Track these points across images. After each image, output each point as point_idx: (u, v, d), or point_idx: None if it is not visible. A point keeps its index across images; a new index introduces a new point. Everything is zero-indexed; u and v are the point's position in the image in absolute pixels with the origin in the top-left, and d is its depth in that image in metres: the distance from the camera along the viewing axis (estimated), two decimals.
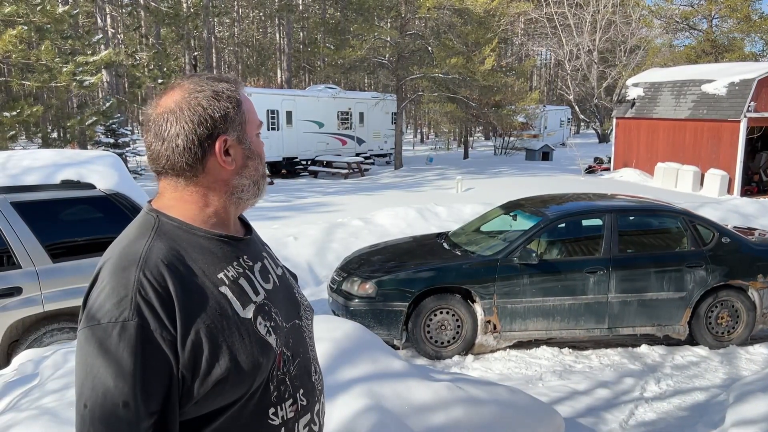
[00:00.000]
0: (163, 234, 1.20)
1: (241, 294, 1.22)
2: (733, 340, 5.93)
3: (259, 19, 41.72)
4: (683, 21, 35.10)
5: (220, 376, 1.14)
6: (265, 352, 1.20)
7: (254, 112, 1.31)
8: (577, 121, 50.14)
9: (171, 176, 1.24)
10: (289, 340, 1.29)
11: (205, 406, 1.16)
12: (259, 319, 1.22)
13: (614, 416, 4.43)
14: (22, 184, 4.42)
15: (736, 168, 16.16)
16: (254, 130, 1.30)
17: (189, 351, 1.12)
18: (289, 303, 1.35)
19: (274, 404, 1.23)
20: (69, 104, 24.27)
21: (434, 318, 5.57)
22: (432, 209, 10.71)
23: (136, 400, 1.08)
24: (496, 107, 25.94)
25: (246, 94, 1.32)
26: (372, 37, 22.14)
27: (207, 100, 1.22)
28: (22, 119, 13.82)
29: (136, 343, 1.08)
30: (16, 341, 4.28)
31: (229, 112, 1.23)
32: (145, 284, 1.11)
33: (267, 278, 1.31)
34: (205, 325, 1.14)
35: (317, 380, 1.38)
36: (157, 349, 1.10)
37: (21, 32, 12.83)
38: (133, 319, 1.09)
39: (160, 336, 1.10)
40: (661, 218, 6.28)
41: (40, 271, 4.20)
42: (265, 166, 1.34)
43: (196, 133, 1.20)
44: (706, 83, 17.17)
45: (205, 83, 1.24)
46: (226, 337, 1.16)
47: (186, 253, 1.19)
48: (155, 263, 1.14)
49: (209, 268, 1.20)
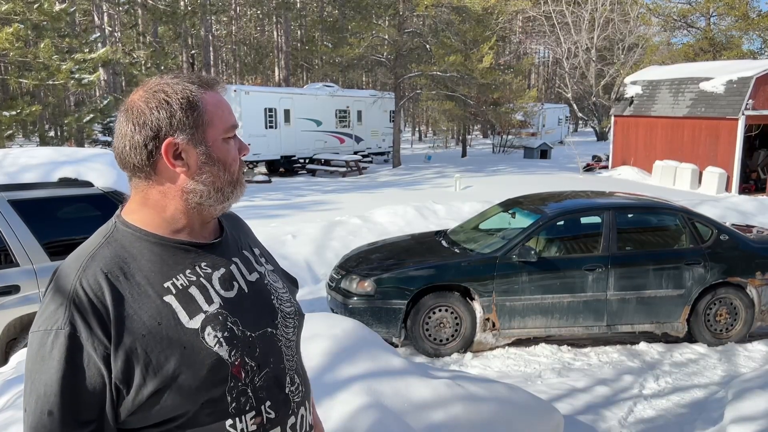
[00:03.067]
0: (115, 241, 1.19)
1: (189, 303, 1.17)
2: (732, 338, 5.94)
3: (257, 17, 41.65)
4: (681, 19, 35.12)
5: (156, 388, 1.11)
6: (213, 363, 1.15)
7: (221, 116, 1.23)
8: (575, 119, 50.17)
9: (131, 178, 1.23)
10: (255, 350, 1.23)
11: (147, 417, 1.13)
12: (208, 329, 1.17)
13: (613, 413, 4.43)
14: (20, 182, 4.40)
15: (734, 166, 16.18)
16: (218, 134, 1.22)
17: (122, 362, 1.09)
18: (260, 310, 1.28)
19: (231, 416, 1.18)
20: (66, 102, 24.21)
21: (433, 316, 5.57)
22: (431, 207, 10.71)
23: (62, 409, 1.07)
24: (494, 105, 25.95)
25: (219, 96, 1.25)
26: (370, 35, 22.13)
27: (155, 101, 1.17)
28: (20, 118, 13.78)
29: (66, 353, 1.07)
30: (14, 339, 4.27)
31: (175, 114, 1.17)
32: (80, 293, 1.10)
33: (229, 286, 1.25)
34: (140, 335, 1.11)
35: (294, 391, 1.31)
36: (88, 359, 1.08)
37: (18, 30, 12.78)
38: (65, 327, 1.08)
39: (91, 346, 1.08)
40: (660, 216, 6.28)
41: (38, 269, 4.19)
42: (233, 173, 1.25)
43: (140, 134, 1.17)
44: (704, 81, 17.19)
45: (164, 83, 1.20)
46: (164, 348, 1.12)
47: (133, 261, 1.17)
48: (94, 272, 1.13)
49: (155, 276, 1.17)
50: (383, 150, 26.70)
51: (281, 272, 1.48)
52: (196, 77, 1.24)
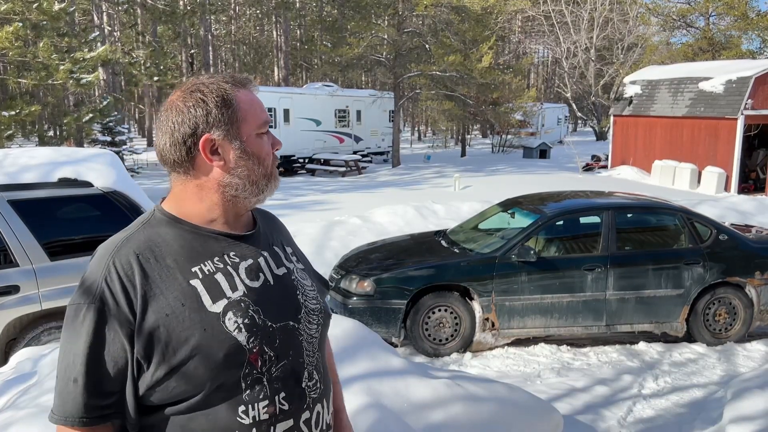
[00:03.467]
0: (151, 227, 1.26)
1: (213, 288, 1.23)
2: (731, 337, 5.95)
3: (256, 17, 41.62)
4: (680, 18, 35.13)
5: (174, 365, 1.16)
6: (230, 347, 1.20)
7: (254, 112, 1.30)
8: (574, 118, 50.18)
9: (172, 172, 1.30)
10: (275, 341, 1.26)
11: (164, 395, 1.19)
12: (229, 314, 1.22)
13: (612, 413, 4.44)
14: (20, 182, 4.40)
15: (733, 165, 16.19)
16: (252, 129, 1.29)
17: (145, 338, 1.16)
18: (283, 303, 1.32)
19: (245, 402, 1.21)
20: (66, 102, 24.18)
21: (432, 316, 5.58)
22: (430, 207, 10.72)
23: (85, 378, 1.15)
24: (493, 105, 25.96)
25: (252, 94, 1.32)
26: (369, 35, 22.12)
27: (192, 100, 1.25)
28: (20, 118, 13.77)
29: (94, 326, 1.15)
30: (13, 339, 4.27)
31: (211, 111, 1.24)
32: (112, 271, 1.18)
33: (255, 276, 1.30)
34: (164, 314, 1.17)
35: (311, 387, 1.33)
36: (114, 334, 1.16)
37: (17, 29, 12.78)
38: (95, 302, 1.16)
39: (117, 321, 1.15)
40: (659, 215, 6.28)
41: (37, 269, 4.19)
42: (267, 166, 1.32)
43: (179, 131, 1.24)
44: (704, 81, 17.20)
45: (200, 83, 1.27)
46: (185, 328, 1.17)
47: (165, 245, 1.24)
48: (126, 253, 1.20)
49: (184, 261, 1.23)
50: (383, 150, 26.71)
51: (312, 272, 1.52)
52: (230, 77, 1.31)
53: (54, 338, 4.30)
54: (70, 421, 1.16)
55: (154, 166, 25.06)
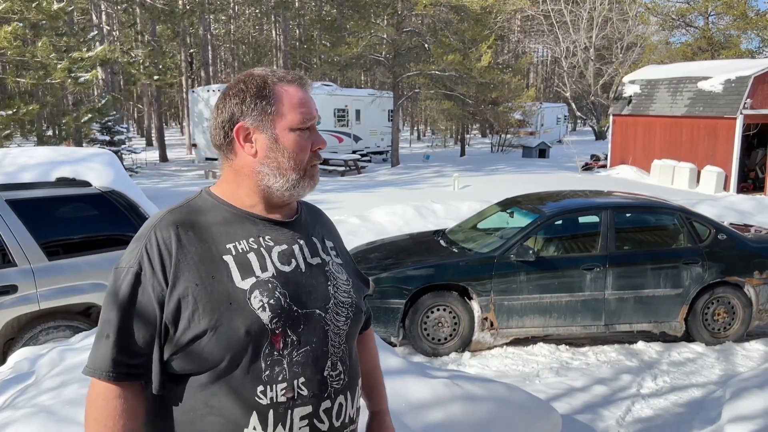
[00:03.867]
0: (195, 204, 1.36)
1: (244, 266, 1.28)
2: (730, 337, 5.95)
3: (255, 16, 41.60)
4: (680, 18, 35.14)
5: (197, 334, 1.22)
6: (251, 324, 1.24)
7: (293, 108, 1.33)
8: (573, 118, 50.19)
9: (220, 156, 1.40)
10: (299, 326, 1.30)
11: (187, 361, 1.25)
12: (255, 293, 1.26)
13: (611, 413, 4.44)
14: (18, 181, 4.39)
15: (732, 165, 16.20)
16: (288, 124, 1.32)
17: (174, 304, 1.23)
18: (312, 291, 1.35)
19: (264, 382, 1.25)
20: (64, 102, 24.15)
21: (431, 315, 5.57)
22: (429, 207, 10.72)
23: (116, 335, 1.24)
24: (492, 104, 25.95)
25: (300, 91, 1.35)
26: (368, 35, 22.10)
27: (235, 89, 1.34)
28: (18, 118, 13.75)
29: (130, 288, 1.24)
30: (11, 339, 4.27)
31: (245, 100, 1.31)
32: (152, 240, 1.27)
33: (287, 261, 1.34)
34: (194, 284, 1.24)
35: (334, 377, 1.34)
36: (147, 298, 1.24)
37: (16, 29, 12.76)
38: (134, 266, 1.25)
39: (151, 286, 1.24)
40: (658, 215, 6.29)
41: (35, 269, 4.18)
42: (299, 163, 1.35)
43: (220, 117, 1.34)
44: (703, 80, 17.20)
45: (249, 73, 1.36)
46: (211, 299, 1.23)
47: (205, 222, 1.32)
48: (167, 224, 1.29)
49: (221, 237, 1.30)
50: (382, 149, 26.68)
51: (353, 270, 1.55)
52: (284, 71, 1.37)
53: (52, 338, 4.29)
54: (98, 374, 1.24)
55: (152, 165, 25.06)
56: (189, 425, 1.27)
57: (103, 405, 1.24)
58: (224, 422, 1.25)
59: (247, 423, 1.25)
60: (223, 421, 1.25)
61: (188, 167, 24.27)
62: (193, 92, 22.38)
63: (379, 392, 1.67)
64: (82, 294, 4.34)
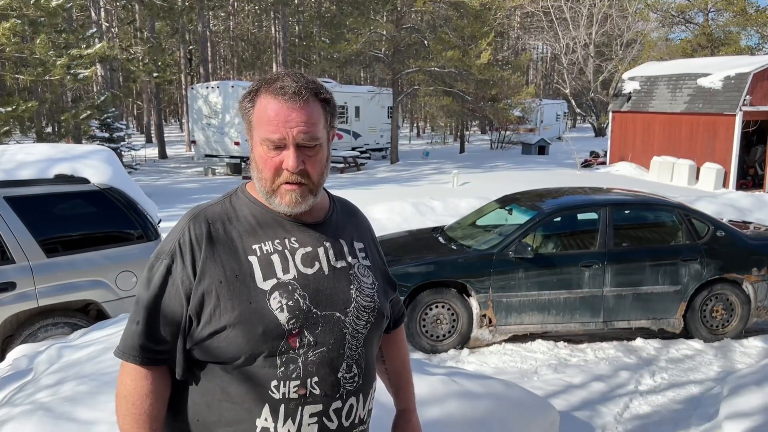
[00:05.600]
0: (230, 202, 1.40)
1: (267, 267, 1.32)
2: (728, 333, 5.96)
3: (255, 13, 41.51)
4: (679, 14, 35.11)
5: (216, 329, 1.27)
6: (269, 324, 1.28)
7: (264, 124, 1.28)
8: (573, 115, 50.15)
9: None
10: (316, 327, 1.32)
11: (207, 353, 1.30)
12: (275, 294, 1.30)
13: (609, 409, 4.45)
14: (16, 178, 4.39)
15: (731, 162, 16.19)
16: (259, 135, 1.30)
17: (198, 298, 1.28)
18: (333, 294, 1.36)
19: (278, 378, 1.29)
20: (63, 98, 24.13)
21: (430, 312, 5.58)
22: (428, 204, 10.72)
23: (145, 322, 1.30)
24: (492, 101, 25.93)
25: (284, 106, 1.28)
26: (368, 31, 22.09)
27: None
28: (17, 114, 13.75)
29: (161, 279, 1.31)
30: (10, 336, 4.27)
31: (246, 98, 1.34)
32: (186, 234, 1.32)
33: (310, 264, 1.36)
34: (218, 281, 1.29)
35: (348, 379, 1.36)
36: (176, 289, 1.30)
37: (14, 25, 12.75)
38: (167, 258, 1.32)
39: (179, 278, 1.29)
40: (657, 212, 6.29)
41: (34, 266, 4.19)
42: (266, 179, 1.32)
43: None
44: (702, 77, 17.18)
45: (264, 75, 1.37)
46: (233, 296, 1.28)
47: (236, 220, 1.36)
48: (201, 219, 1.34)
49: (248, 237, 1.34)
50: (381, 146, 26.67)
51: (381, 271, 1.56)
52: (280, 85, 1.29)
53: (50, 335, 4.30)
54: (126, 357, 1.32)
55: (152, 162, 25.05)
56: (205, 407, 1.33)
57: (131, 385, 1.31)
58: (238, 410, 1.30)
59: (260, 414, 1.30)
60: (237, 409, 1.30)
61: (187, 164, 24.27)
62: (192, 89, 22.36)
63: (407, 391, 1.72)
64: (80, 291, 4.35)
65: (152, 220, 4.79)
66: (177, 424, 1.38)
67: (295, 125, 1.28)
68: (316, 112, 1.31)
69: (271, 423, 1.30)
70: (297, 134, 1.28)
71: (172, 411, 1.37)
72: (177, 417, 1.37)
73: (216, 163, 21.43)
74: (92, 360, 3.16)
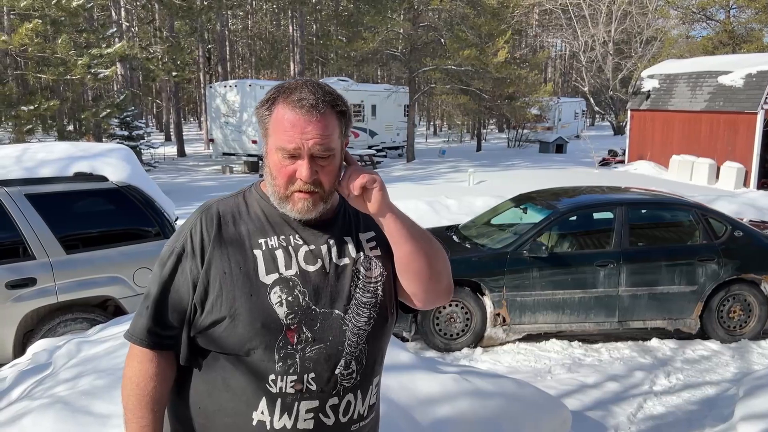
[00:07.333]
0: (242, 197, 1.45)
1: (270, 262, 1.35)
2: (745, 334, 5.89)
3: (272, 12, 41.69)
4: (700, 11, 34.57)
5: (217, 318, 1.32)
6: (267, 318, 1.31)
7: (279, 132, 1.31)
8: (591, 113, 49.69)
9: None
10: (315, 324, 1.34)
11: (208, 342, 1.35)
12: (276, 288, 1.33)
13: (622, 409, 4.43)
14: (37, 176, 4.48)
15: (752, 161, 15.94)
16: (274, 144, 1.33)
17: (203, 287, 1.33)
18: (334, 292, 1.38)
19: (276, 372, 1.32)
20: (84, 97, 24.46)
21: (443, 310, 5.59)
22: (443, 202, 10.71)
23: (154, 307, 1.36)
24: (509, 99, 25.80)
25: (300, 117, 1.29)
26: (384, 29, 22.10)
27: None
28: (40, 113, 13.97)
29: (172, 267, 1.36)
30: (30, 331, 4.36)
31: (259, 108, 1.36)
32: (197, 225, 1.38)
33: (313, 261, 1.38)
34: (223, 272, 1.33)
35: (345, 376, 1.37)
36: (184, 278, 1.35)
37: (37, 26, 12.95)
38: (178, 248, 1.37)
39: (188, 267, 1.35)
40: (673, 211, 6.23)
41: (54, 262, 4.27)
42: (279, 185, 1.34)
43: None
44: (723, 75, 16.93)
45: (282, 83, 1.39)
46: (235, 288, 1.32)
47: (246, 215, 1.41)
48: (212, 212, 1.40)
49: (255, 232, 1.39)
50: (397, 144, 26.65)
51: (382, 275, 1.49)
52: (299, 97, 1.31)
53: (69, 330, 4.38)
54: (134, 340, 1.38)
55: (170, 160, 25.29)
56: (207, 395, 1.38)
57: (137, 367, 1.37)
58: (237, 400, 1.34)
59: (257, 406, 1.33)
60: (236, 399, 1.34)
61: (205, 162, 24.46)
62: (210, 87, 22.53)
63: None
64: (99, 287, 4.42)
65: (169, 217, 4.86)
66: (180, 409, 1.43)
67: (311, 137, 1.29)
68: (331, 124, 1.32)
69: (268, 416, 1.33)
70: (312, 145, 1.30)
71: (175, 396, 1.43)
72: (180, 402, 1.42)
73: (233, 161, 21.57)
74: (110, 355, 3.23)
